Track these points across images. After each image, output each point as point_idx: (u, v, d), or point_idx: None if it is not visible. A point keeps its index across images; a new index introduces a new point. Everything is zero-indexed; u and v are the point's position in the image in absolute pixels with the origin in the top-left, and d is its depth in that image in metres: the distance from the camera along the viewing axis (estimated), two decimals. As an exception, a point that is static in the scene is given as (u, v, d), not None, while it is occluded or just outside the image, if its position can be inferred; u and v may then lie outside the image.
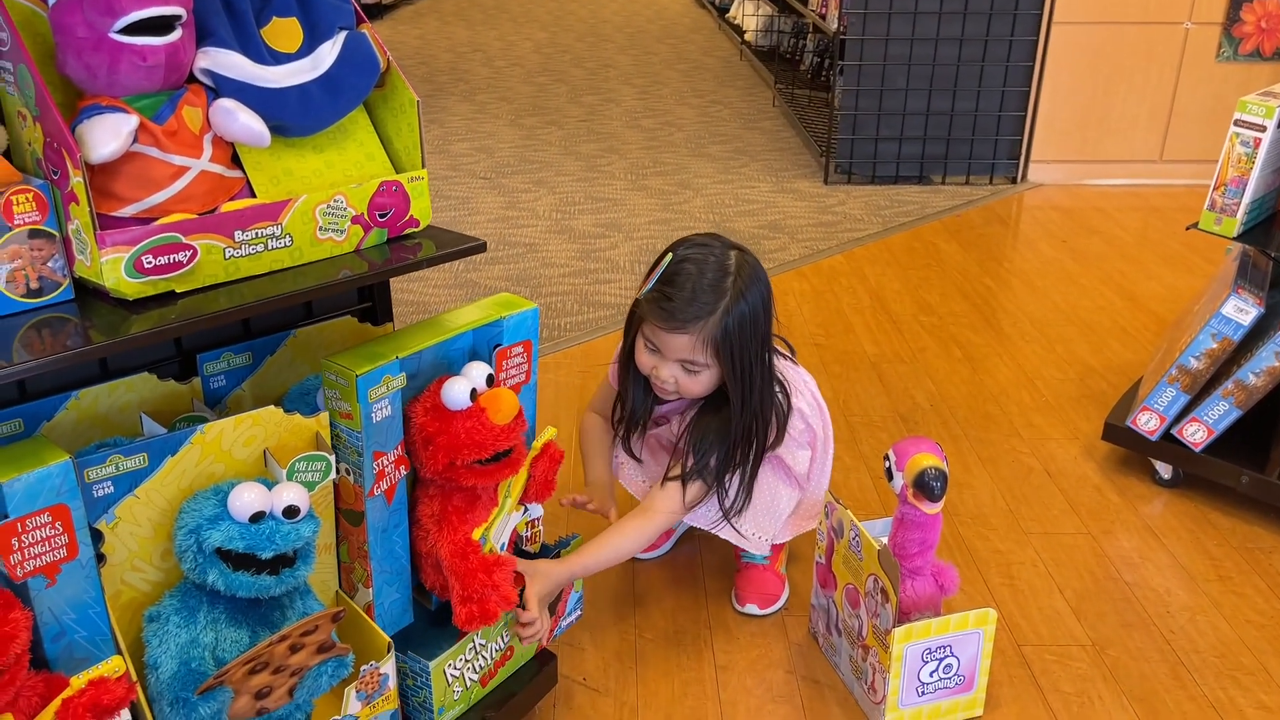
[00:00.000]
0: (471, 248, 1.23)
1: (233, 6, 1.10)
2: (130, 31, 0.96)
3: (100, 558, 0.97)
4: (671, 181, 4.05)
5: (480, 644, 1.33)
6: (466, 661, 1.31)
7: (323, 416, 1.11)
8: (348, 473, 1.14)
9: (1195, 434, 1.96)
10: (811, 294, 2.99)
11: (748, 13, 6.66)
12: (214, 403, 1.23)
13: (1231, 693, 1.56)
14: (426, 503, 1.24)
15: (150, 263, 0.99)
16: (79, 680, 0.91)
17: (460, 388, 1.16)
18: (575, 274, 3.14)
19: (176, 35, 1.00)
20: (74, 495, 0.91)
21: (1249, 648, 1.65)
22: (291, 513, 1.01)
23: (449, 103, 5.24)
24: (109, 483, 0.98)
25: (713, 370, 1.50)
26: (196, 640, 1.02)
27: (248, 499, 1.00)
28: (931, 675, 1.45)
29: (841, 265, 3.22)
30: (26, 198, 0.97)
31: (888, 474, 1.45)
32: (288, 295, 1.07)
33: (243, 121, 1.06)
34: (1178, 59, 3.88)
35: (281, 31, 1.13)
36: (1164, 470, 2.07)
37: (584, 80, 5.82)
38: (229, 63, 1.07)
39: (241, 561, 1.00)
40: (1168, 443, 2.00)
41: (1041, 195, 3.94)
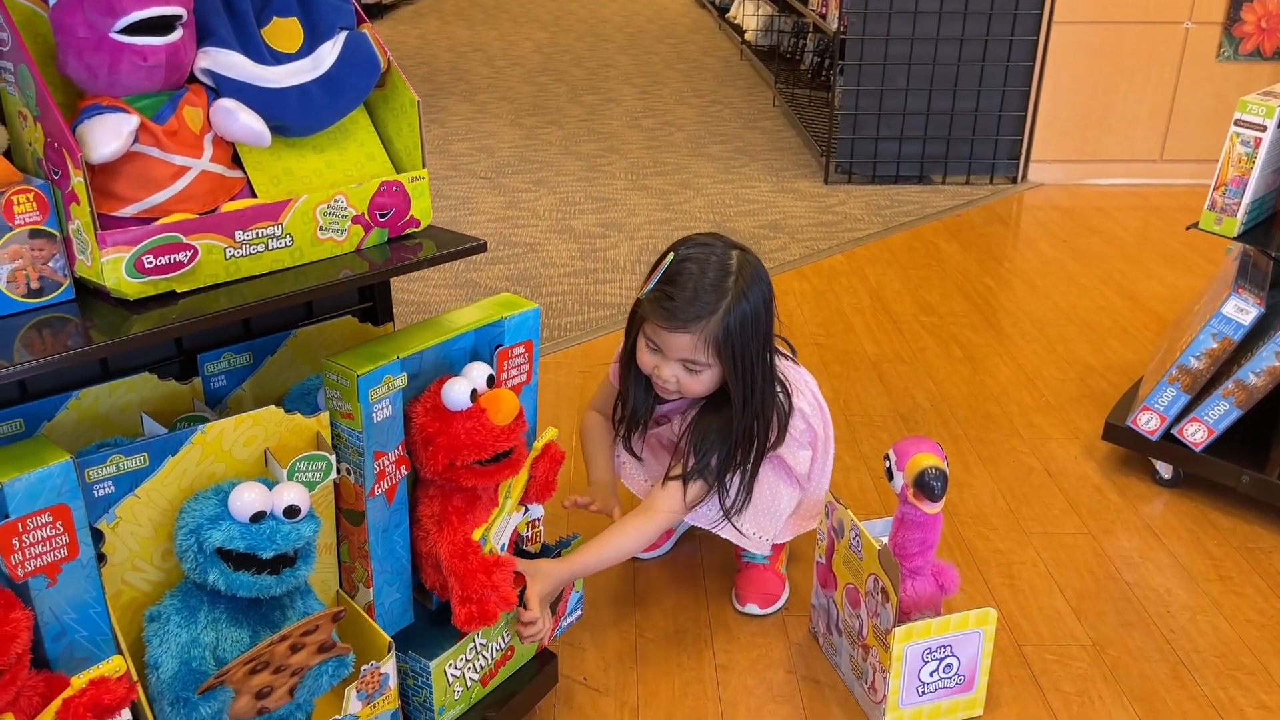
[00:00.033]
0: (472, 248, 1.23)
1: (233, 6, 1.10)
2: (131, 31, 0.97)
3: (101, 557, 0.97)
4: (672, 181, 4.05)
5: (481, 644, 1.33)
6: (467, 661, 1.31)
7: (323, 416, 1.11)
8: (348, 473, 1.14)
9: (1195, 434, 1.96)
10: (812, 294, 2.99)
11: (748, 12, 6.66)
12: (214, 403, 1.23)
13: (1232, 692, 1.56)
14: (427, 503, 1.24)
15: (151, 263, 0.99)
16: (80, 680, 0.91)
17: (461, 388, 1.16)
18: (575, 274, 3.14)
19: (177, 35, 1.00)
20: (75, 495, 0.91)
21: (1249, 647, 1.65)
22: (292, 512, 1.01)
23: (449, 102, 5.24)
24: (110, 482, 0.98)
25: (714, 370, 1.50)
26: (197, 640, 1.02)
27: (248, 499, 1.00)
28: (932, 675, 1.45)
29: (842, 265, 3.22)
30: (27, 198, 0.97)
31: (888, 474, 1.45)
32: (288, 295, 1.07)
33: (243, 121, 1.06)
34: (1178, 59, 3.88)
35: (282, 31, 1.13)
36: (1164, 470, 2.07)
37: (584, 80, 5.82)
38: (229, 63, 1.07)
39: (242, 561, 1.00)
40: (1168, 442, 2.00)
41: (1042, 195, 3.94)
